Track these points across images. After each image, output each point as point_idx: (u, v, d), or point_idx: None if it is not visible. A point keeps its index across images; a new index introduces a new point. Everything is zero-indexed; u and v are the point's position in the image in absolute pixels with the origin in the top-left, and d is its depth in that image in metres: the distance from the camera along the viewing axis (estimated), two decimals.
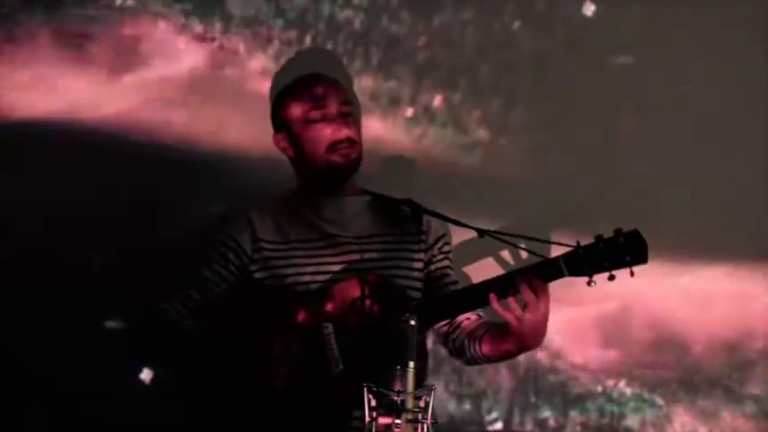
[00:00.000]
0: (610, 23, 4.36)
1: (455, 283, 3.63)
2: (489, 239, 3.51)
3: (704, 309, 4.34)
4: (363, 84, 4.26)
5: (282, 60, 4.22)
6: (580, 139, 4.33)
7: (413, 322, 2.87)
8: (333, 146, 3.50)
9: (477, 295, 3.38)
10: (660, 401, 4.40)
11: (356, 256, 3.48)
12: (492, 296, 3.32)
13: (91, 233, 4.09)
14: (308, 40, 4.26)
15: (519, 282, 3.30)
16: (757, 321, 4.39)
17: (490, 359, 3.50)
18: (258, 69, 4.23)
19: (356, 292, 3.36)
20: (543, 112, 4.35)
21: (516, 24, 4.36)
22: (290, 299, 3.41)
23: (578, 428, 4.38)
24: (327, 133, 3.50)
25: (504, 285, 3.34)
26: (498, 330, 3.43)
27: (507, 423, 4.36)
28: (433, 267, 3.59)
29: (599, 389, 4.39)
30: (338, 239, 3.49)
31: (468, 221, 3.53)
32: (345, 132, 3.50)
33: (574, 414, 4.38)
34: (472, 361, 3.55)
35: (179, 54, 4.19)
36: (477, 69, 4.34)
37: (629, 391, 4.39)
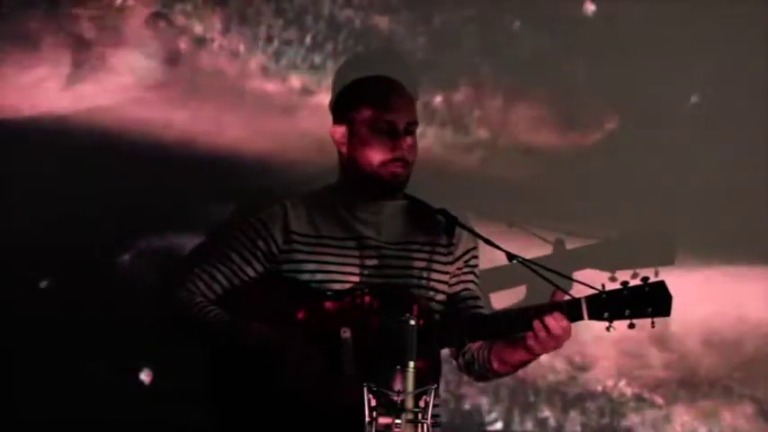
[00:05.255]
0: (610, 23, 4.36)
1: (477, 298, 3.58)
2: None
3: (704, 309, 4.34)
4: None
5: (283, 61, 4.23)
6: (580, 140, 4.33)
7: (412, 322, 2.87)
8: (387, 162, 3.45)
9: (499, 324, 3.38)
10: (660, 401, 4.40)
11: (386, 262, 3.45)
12: (530, 334, 3.30)
13: (90, 232, 4.09)
14: (308, 41, 4.26)
15: (547, 318, 3.28)
16: (757, 321, 4.39)
17: (495, 369, 3.47)
18: (258, 69, 4.23)
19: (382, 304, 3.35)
20: (543, 112, 4.35)
21: (516, 24, 4.36)
22: (312, 298, 3.39)
23: (578, 428, 4.38)
24: (386, 148, 3.43)
25: (528, 319, 3.31)
26: (509, 343, 3.42)
27: (507, 423, 4.36)
28: (455, 280, 3.55)
29: (599, 389, 4.39)
30: (371, 242, 3.46)
31: (467, 222, 3.52)
32: (402, 152, 3.44)
33: (574, 414, 4.38)
34: (480, 374, 3.53)
35: (179, 54, 4.19)
36: (477, 69, 4.34)
37: (629, 391, 4.39)
